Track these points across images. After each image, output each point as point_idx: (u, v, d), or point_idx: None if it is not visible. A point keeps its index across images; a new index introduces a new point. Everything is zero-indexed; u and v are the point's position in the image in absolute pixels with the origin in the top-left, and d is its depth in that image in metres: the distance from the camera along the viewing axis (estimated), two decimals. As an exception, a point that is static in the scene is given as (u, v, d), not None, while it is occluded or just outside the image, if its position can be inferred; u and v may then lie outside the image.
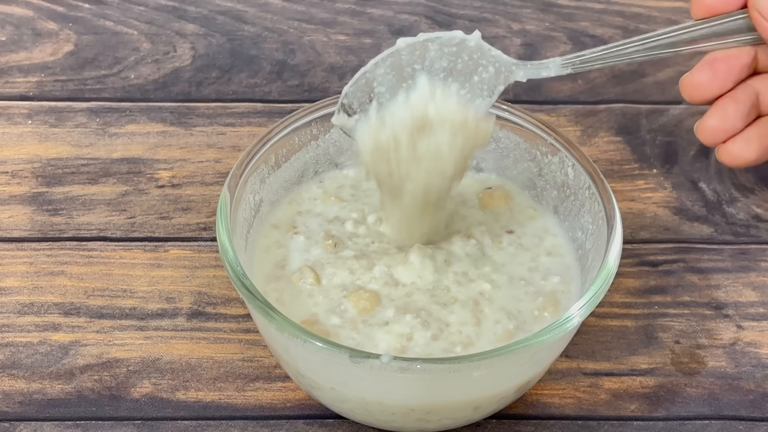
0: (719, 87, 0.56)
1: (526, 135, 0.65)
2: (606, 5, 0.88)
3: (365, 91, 0.58)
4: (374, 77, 0.58)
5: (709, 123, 0.56)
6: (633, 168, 0.75)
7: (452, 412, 0.57)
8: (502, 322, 0.59)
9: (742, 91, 0.56)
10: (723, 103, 0.56)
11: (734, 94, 0.56)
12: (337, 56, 0.83)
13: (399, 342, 0.57)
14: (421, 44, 0.57)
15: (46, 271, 0.68)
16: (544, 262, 0.62)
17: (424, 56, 0.58)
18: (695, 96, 0.57)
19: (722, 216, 0.72)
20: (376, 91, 0.58)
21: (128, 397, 0.62)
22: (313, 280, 0.60)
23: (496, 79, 0.58)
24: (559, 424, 0.62)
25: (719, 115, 0.56)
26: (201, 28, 0.85)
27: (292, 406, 0.62)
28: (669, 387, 0.64)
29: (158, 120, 0.77)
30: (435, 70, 0.58)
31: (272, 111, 0.79)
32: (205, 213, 0.72)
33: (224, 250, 0.57)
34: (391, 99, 0.58)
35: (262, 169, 0.63)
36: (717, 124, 0.56)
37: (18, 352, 0.64)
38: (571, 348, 0.65)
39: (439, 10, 0.87)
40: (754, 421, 0.62)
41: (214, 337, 0.65)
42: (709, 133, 0.57)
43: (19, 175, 0.73)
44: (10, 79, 0.80)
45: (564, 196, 0.64)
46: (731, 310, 0.67)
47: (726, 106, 0.56)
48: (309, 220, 0.64)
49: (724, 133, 0.56)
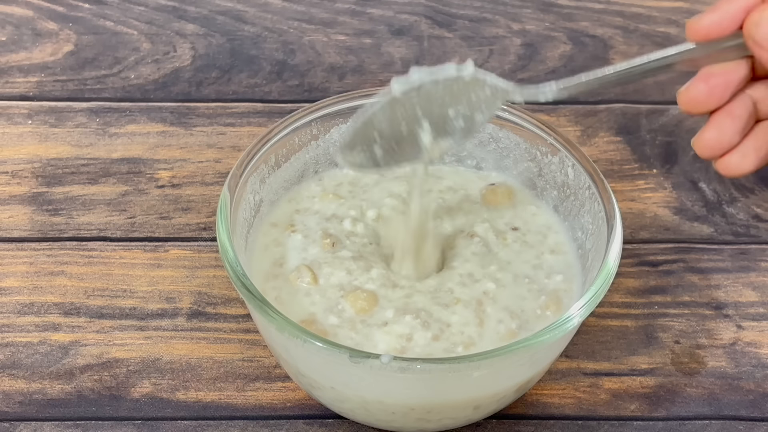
0: (716, 101, 0.56)
1: (526, 135, 0.65)
2: (606, 5, 0.88)
3: (366, 139, 0.58)
4: (374, 126, 0.58)
5: (706, 138, 0.57)
6: (633, 168, 0.75)
7: (452, 411, 0.57)
8: (505, 322, 0.58)
9: (738, 103, 0.57)
10: (719, 118, 0.57)
11: (731, 109, 0.57)
12: (337, 56, 0.83)
13: (398, 342, 0.57)
14: (416, 89, 0.57)
15: (46, 271, 0.68)
16: (548, 260, 0.62)
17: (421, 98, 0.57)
18: (692, 109, 0.57)
19: (722, 216, 0.72)
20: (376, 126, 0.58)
21: (128, 397, 0.62)
22: (311, 279, 0.60)
23: (493, 98, 0.58)
24: (559, 424, 0.62)
25: (716, 130, 0.56)
26: (201, 28, 0.85)
27: (292, 406, 0.62)
28: (669, 387, 0.64)
29: (158, 120, 0.77)
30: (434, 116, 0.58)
31: (272, 111, 0.79)
32: (205, 213, 0.72)
33: (224, 250, 0.57)
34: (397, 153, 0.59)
35: (262, 169, 0.63)
36: (714, 140, 0.57)
37: (18, 352, 0.64)
38: (571, 348, 0.65)
39: (439, 10, 0.87)
40: (754, 421, 0.62)
41: (214, 337, 0.65)
42: (706, 148, 0.57)
43: (19, 175, 0.73)
44: (10, 79, 0.80)
45: (564, 196, 0.64)
46: (731, 310, 0.67)
47: (722, 122, 0.56)
48: (307, 218, 0.64)
49: (720, 148, 0.57)
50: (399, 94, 0.57)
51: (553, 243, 0.63)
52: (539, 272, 0.61)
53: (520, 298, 0.60)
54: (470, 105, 0.58)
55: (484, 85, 0.57)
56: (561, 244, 0.63)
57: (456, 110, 0.58)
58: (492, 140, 0.66)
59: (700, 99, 0.57)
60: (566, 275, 0.61)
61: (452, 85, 0.57)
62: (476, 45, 0.84)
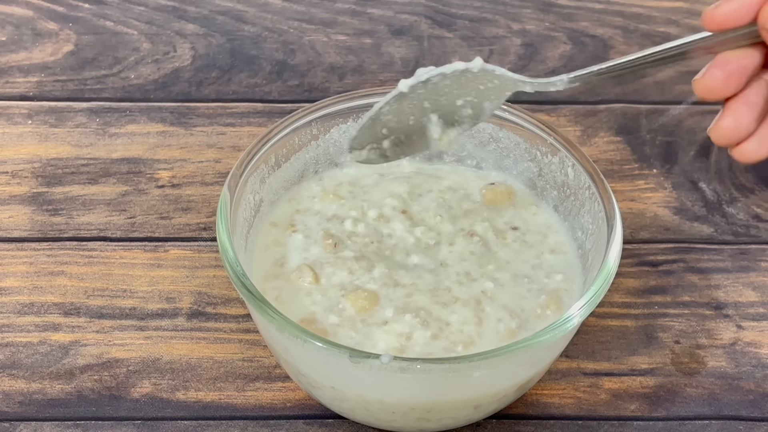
0: (733, 88, 0.56)
1: (526, 135, 0.65)
2: (606, 5, 0.88)
3: (374, 133, 0.59)
4: (381, 121, 0.59)
5: (722, 127, 0.57)
6: (633, 168, 0.75)
7: (452, 411, 0.57)
8: (505, 321, 0.58)
9: (754, 90, 0.57)
10: (736, 106, 0.57)
11: (747, 96, 0.57)
12: (337, 56, 0.83)
13: (398, 341, 0.57)
14: (423, 83, 0.58)
15: (46, 271, 0.68)
16: (547, 260, 0.62)
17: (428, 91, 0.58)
18: (709, 96, 0.57)
19: (722, 216, 0.72)
20: (383, 120, 0.59)
21: (128, 397, 0.62)
22: (312, 279, 0.60)
23: (501, 88, 0.58)
24: (559, 424, 0.62)
25: (732, 119, 0.56)
26: (201, 28, 0.85)
27: (292, 406, 0.62)
28: (669, 387, 0.64)
29: (158, 120, 0.77)
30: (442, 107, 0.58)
31: (272, 111, 0.79)
32: (205, 213, 0.72)
33: (224, 250, 0.57)
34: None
35: (262, 169, 0.63)
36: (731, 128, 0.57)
37: (18, 352, 0.64)
38: (571, 348, 0.65)
39: (439, 10, 0.87)
40: (754, 421, 0.62)
41: (214, 337, 0.65)
42: (723, 136, 0.57)
43: (19, 175, 0.73)
44: (10, 79, 0.80)
45: (564, 196, 0.64)
46: (731, 310, 0.67)
47: (739, 110, 0.56)
48: (307, 218, 0.64)
49: (737, 136, 0.57)
50: (406, 89, 0.57)
51: (553, 243, 0.63)
52: (539, 272, 0.61)
53: (519, 297, 0.60)
54: (479, 94, 0.58)
55: (493, 77, 0.58)
56: (561, 243, 0.63)
57: (464, 100, 0.58)
58: (492, 140, 0.66)
59: (717, 86, 0.57)
60: (566, 275, 0.61)
61: (460, 77, 0.58)
62: (476, 45, 0.84)
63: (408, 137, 0.59)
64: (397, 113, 0.58)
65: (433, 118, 0.58)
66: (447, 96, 0.58)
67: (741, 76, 0.56)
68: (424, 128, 0.59)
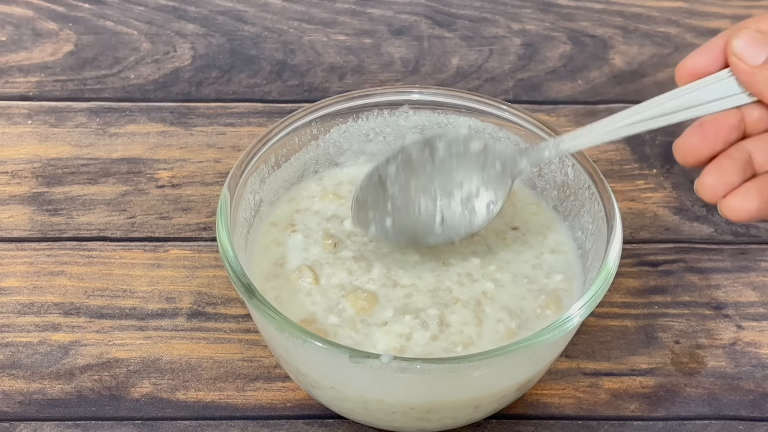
0: (709, 148, 0.57)
1: (526, 135, 0.65)
2: (606, 5, 0.88)
3: (378, 188, 0.60)
4: (386, 175, 0.60)
5: (706, 179, 0.57)
6: (633, 168, 0.75)
7: (452, 411, 0.57)
8: (504, 321, 0.59)
9: (734, 150, 0.58)
10: (718, 159, 0.58)
11: (727, 152, 0.57)
12: (337, 56, 0.83)
13: (398, 342, 0.57)
14: (429, 142, 0.60)
15: (46, 271, 0.68)
16: (547, 260, 0.62)
17: (434, 155, 0.60)
18: (688, 158, 0.58)
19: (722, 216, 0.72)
20: (389, 192, 0.60)
21: (128, 397, 0.62)
22: (312, 279, 0.60)
23: (503, 176, 0.60)
24: (559, 424, 0.62)
25: (715, 170, 0.57)
26: (201, 28, 0.85)
27: (292, 406, 0.62)
28: (669, 387, 0.64)
29: (158, 120, 0.77)
30: (444, 170, 0.60)
31: (272, 111, 0.79)
32: (205, 213, 0.72)
33: (224, 250, 0.57)
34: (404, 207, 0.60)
35: (262, 169, 0.63)
36: (715, 179, 0.57)
37: (18, 352, 0.64)
38: (571, 348, 0.65)
39: (439, 10, 0.87)
40: (754, 421, 0.62)
41: (214, 337, 0.65)
42: (708, 189, 0.58)
43: (19, 175, 0.73)
44: (10, 79, 0.80)
45: (564, 196, 0.64)
46: (731, 310, 0.67)
47: (721, 162, 0.57)
48: (307, 218, 0.64)
49: (723, 187, 0.57)
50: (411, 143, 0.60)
51: (553, 243, 0.63)
52: (539, 272, 0.61)
53: (519, 297, 0.60)
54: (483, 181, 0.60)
55: (495, 161, 0.60)
56: (561, 243, 0.63)
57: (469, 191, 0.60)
58: (492, 140, 0.66)
59: (694, 146, 0.58)
60: (566, 275, 0.61)
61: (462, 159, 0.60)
62: (476, 45, 0.84)
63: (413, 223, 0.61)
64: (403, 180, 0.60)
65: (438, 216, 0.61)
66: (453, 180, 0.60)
67: (717, 137, 0.57)
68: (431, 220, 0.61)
